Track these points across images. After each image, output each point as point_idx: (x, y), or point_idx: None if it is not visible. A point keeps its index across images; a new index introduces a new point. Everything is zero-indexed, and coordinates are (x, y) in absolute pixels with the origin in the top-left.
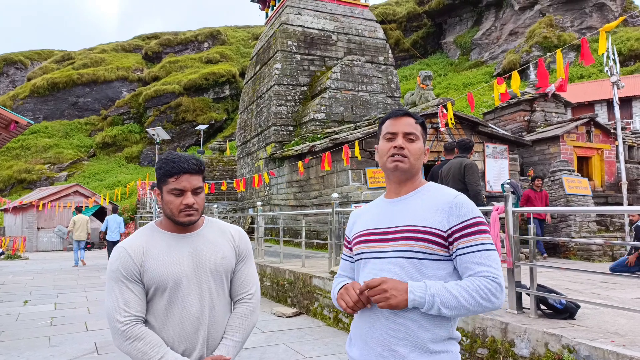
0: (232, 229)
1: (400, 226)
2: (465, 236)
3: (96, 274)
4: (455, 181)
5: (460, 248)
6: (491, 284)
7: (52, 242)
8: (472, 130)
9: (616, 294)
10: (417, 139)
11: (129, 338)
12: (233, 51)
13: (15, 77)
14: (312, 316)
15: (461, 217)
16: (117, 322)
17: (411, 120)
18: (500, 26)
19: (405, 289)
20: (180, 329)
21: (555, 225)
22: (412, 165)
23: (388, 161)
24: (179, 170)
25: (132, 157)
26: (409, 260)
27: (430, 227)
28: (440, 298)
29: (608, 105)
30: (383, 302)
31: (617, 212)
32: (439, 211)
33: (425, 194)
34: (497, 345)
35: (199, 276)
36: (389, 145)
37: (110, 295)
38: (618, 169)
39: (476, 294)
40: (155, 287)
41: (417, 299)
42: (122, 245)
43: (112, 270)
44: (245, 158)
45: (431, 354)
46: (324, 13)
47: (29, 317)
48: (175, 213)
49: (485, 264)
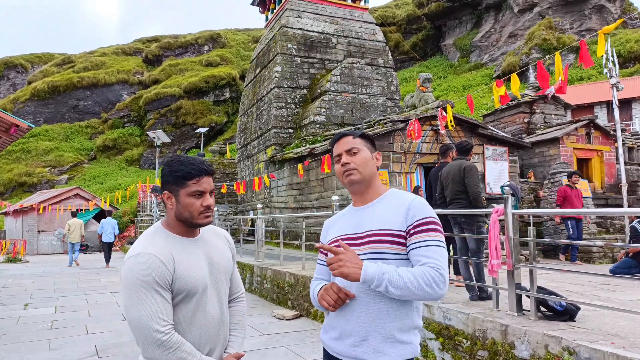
0: (223, 231)
1: (367, 231)
2: (419, 232)
3: (96, 277)
4: (455, 183)
5: (413, 243)
6: (435, 274)
7: (53, 245)
8: (471, 133)
9: (616, 296)
10: (359, 151)
11: (170, 347)
12: (233, 54)
13: (16, 81)
14: (313, 319)
15: (416, 217)
16: (157, 332)
17: (348, 138)
18: (499, 28)
19: (360, 264)
20: (205, 331)
21: (555, 227)
22: (363, 174)
23: (343, 178)
24: (200, 172)
25: (133, 160)
26: (378, 261)
27: (393, 229)
28: (389, 277)
29: (608, 107)
30: (336, 269)
31: (617, 214)
32: (398, 214)
33: (388, 200)
34: (497, 348)
35: (214, 279)
36: (338, 166)
37: (142, 304)
38: (618, 170)
39: (421, 280)
40: (186, 294)
41: (369, 274)
42: (149, 252)
43: (142, 277)
44: (246, 161)
45: (397, 344)
46: (323, 16)
47: (30, 321)
48: (195, 215)
49: (432, 257)
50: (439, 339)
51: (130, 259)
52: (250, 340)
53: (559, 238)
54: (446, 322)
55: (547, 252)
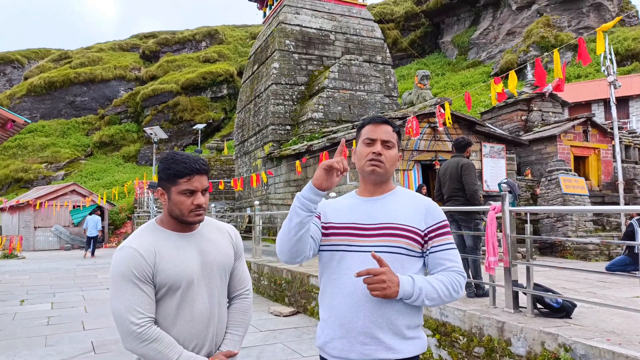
0: (228, 227)
1: (382, 223)
2: (438, 236)
3: (93, 274)
4: (452, 181)
5: (434, 246)
6: (460, 278)
7: (49, 242)
8: (469, 130)
9: (612, 293)
10: (393, 147)
11: (145, 340)
12: (231, 50)
13: (12, 76)
14: (310, 315)
15: (435, 219)
16: (131, 324)
17: (389, 128)
18: (497, 26)
19: (397, 281)
20: (191, 327)
21: (552, 224)
22: (387, 170)
23: (366, 165)
24: (191, 170)
25: (130, 156)
26: (391, 255)
27: (411, 226)
28: (426, 291)
29: (605, 105)
30: (379, 291)
31: (613, 211)
32: (417, 212)
33: (401, 196)
34: (493, 344)
35: (206, 274)
36: (368, 150)
37: (121, 296)
38: (615, 168)
39: (450, 287)
40: (168, 288)
41: (407, 292)
42: (131, 246)
43: (121, 271)
44: (243, 157)
45: (407, 340)
46: (321, 12)
47: (26, 317)
48: (186, 213)
49: (455, 260)
50: (435, 336)
51: (116, 253)
52: (247, 337)
53: (555, 235)
54: (443, 319)
55: (544, 250)
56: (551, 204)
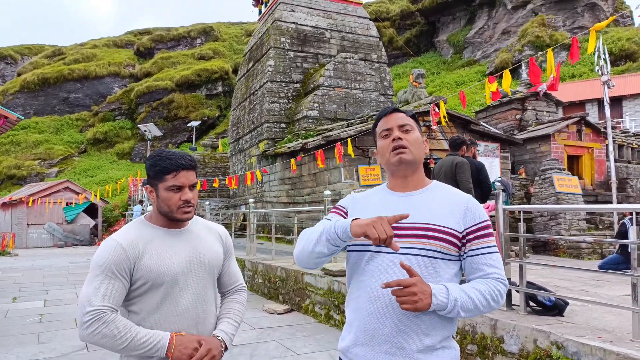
0: (218, 227)
1: (418, 223)
2: (478, 238)
3: (86, 271)
4: (447, 179)
5: (472, 249)
6: (500, 286)
7: (42, 239)
8: (464, 129)
9: (604, 292)
10: (412, 129)
11: (96, 325)
12: (226, 48)
13: (5, 72)
14: (304, 313)
15: (475, 219)
16: (84, 314)
17: (401, 114)
18: (493, 25)
19: (429, 292)
20: (175, 323)
21: (545, 223)
22: (414, 155)
23: (391, 156)
24: (177, 166)
25: (124, 153)
26: (425, 259)
27: (449, 228)
28: (461, 302)
29: (599, 105)
30: (410, 304)
31: (606, 210)
32: (454, 211)
33: (437, 192)
34: (486, 342)
35: (194, 272)
36: (387, 140)
37: (90, 284)
38: (608, 167)
39: (489, 296)
40: (152, 284)
41: (440, 303)
42: (116, 239)
43: (100, 262)
44: (238, 155)
45: (436, 351)
46: (317, 10)
47: (18, 314)
48: (174, 209)
49: (495, 266)
50: None
51: (101, 244)
52: (241, 335)
53: (548, 234)
54: None
55: (537, 248)
56: (545, 202)
